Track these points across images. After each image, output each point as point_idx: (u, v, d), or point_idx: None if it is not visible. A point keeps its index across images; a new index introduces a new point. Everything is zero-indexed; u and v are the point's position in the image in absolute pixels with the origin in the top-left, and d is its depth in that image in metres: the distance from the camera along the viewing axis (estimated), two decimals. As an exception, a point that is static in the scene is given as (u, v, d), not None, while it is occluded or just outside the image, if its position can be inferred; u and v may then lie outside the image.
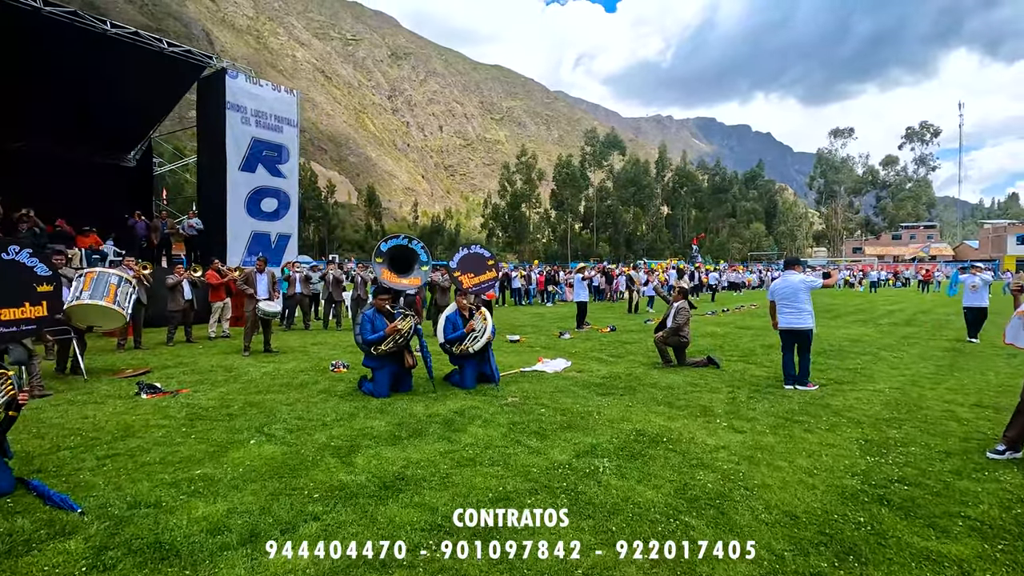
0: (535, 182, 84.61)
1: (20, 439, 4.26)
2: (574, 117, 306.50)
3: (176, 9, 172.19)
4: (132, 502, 3.10)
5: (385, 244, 6.43)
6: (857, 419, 4.92)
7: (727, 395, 5.86)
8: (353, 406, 5.27)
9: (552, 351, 9.03)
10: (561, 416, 4.99)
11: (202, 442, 4.19)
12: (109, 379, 6.61)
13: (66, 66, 12.38)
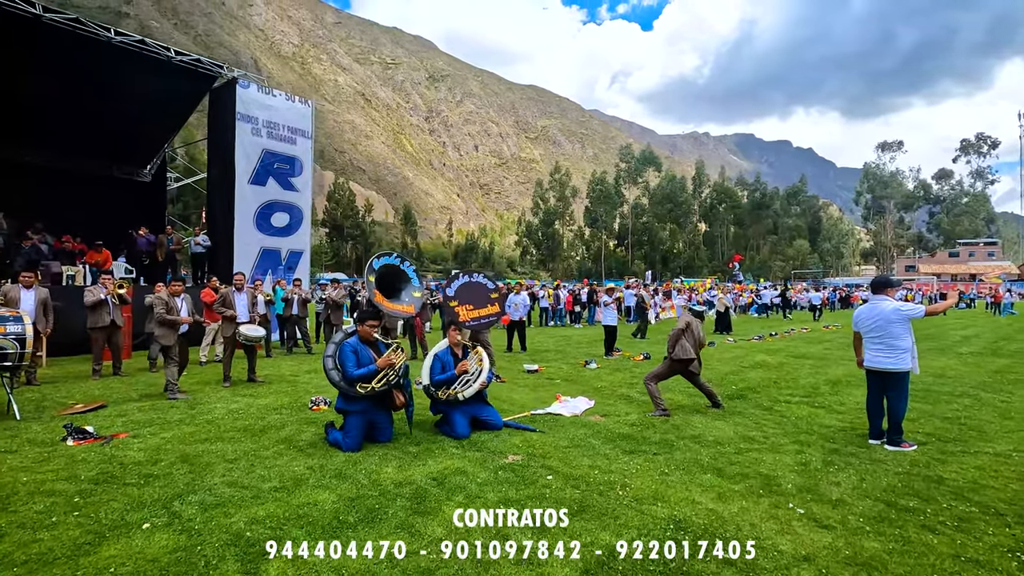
0: (568, 199, 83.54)
1: None
2: (609, 135, 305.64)
3: (227, 39, 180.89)
4: None
5: (378, 261, 5.35)
6: (993, 507, 3.48)
7: (796, 457, 4.46)
8: (307, 465, 4.14)
9: (574, 385, 7.75)
10: (573, 489, 3.72)
11: (81, 525, 3.11)
12: (52, 416, 5.69)
13: (75, 76, 12.00)
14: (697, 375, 6.12)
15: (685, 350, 5.97)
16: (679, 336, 6.03)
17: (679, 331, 6.06)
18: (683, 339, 6.02)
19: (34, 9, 10.08)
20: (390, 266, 5.74)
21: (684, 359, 5.98)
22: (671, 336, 6.11)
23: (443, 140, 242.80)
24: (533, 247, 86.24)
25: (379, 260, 5.80)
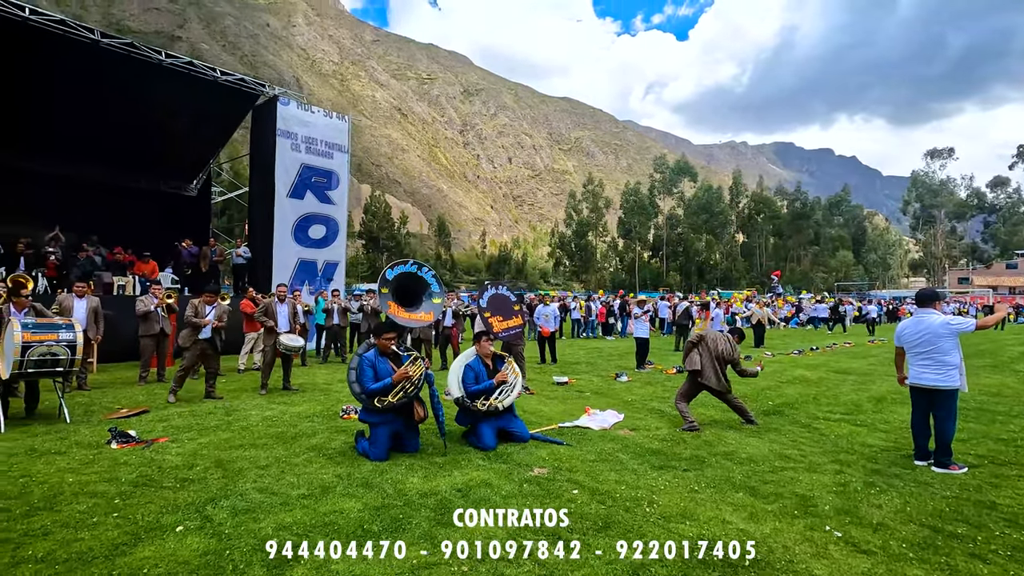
0: (602, 210, 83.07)
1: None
2: (643, 145, 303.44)
3: (271, 59, 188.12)
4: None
5: (391, 271, 5.40)
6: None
7: (834, 477, 4.28)
8: (335, 473, 4.20)
9: (604, 399, 7.64)
10: (598, 504, 3.65)
11: (119, 526, 3.22)
12: (99, 420, 5.95)
13: (129, 97, 12.67)
14: (723, 392, 5.96)
15: (692, 362, 5.88)
16: (691, 348, 6.00)
17: (691, 343, 6.03)
18: (694, 351, 5.94)
19: (92, 35, 10.72)
20: (407, 274, 5.78)
21: (690, 370, 5.90)
22: (685, 347, 6.08)
23: (477, 153, 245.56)
24: (566, 258, 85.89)
25: (393, 270, 5.83)
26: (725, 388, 5.93)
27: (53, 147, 14.01)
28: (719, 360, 5.91)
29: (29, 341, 5.42)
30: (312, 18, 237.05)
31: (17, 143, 13.53)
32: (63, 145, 14.05)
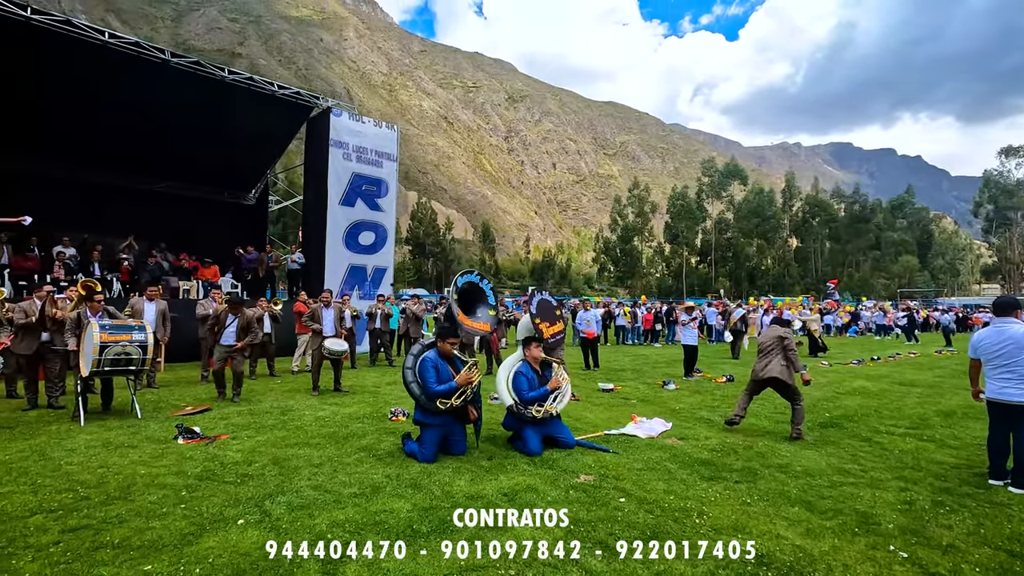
0: (648, 215, 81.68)
1: (16, 492, 3.81)
2: (691, 149, 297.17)
3: (324, 72, 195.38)
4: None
5: (461, 278, 5.52)
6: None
7: (899, 495, 4.06)
8: (385, 474, 4.30)
9: (651, 406, 7.51)
10: (646, 513, 3.60)
11: (186, 516, 3.41)
12: (167, 416, 6.32)
13: (194, 112, 13.42)
14: (793, 393, 5.84)
15: (769, 370, 5.76)
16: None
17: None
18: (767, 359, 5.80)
19: (163, 55, 11.44)
20: (471, 283, 5.89)
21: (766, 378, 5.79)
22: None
23: (521, 159, 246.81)
24: (611, 264, 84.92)
25: (463, 278, 5.94)
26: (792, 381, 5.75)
27: (127, 162, 15.01)
28: (785, 350, 5.78)
29: (106, 341, 5.82)
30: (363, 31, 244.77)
31: (97, 160, 14.57)
32: (136, 160, 15.02)
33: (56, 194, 13.65)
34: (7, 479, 4.06)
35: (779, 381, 5.76)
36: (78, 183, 14.55)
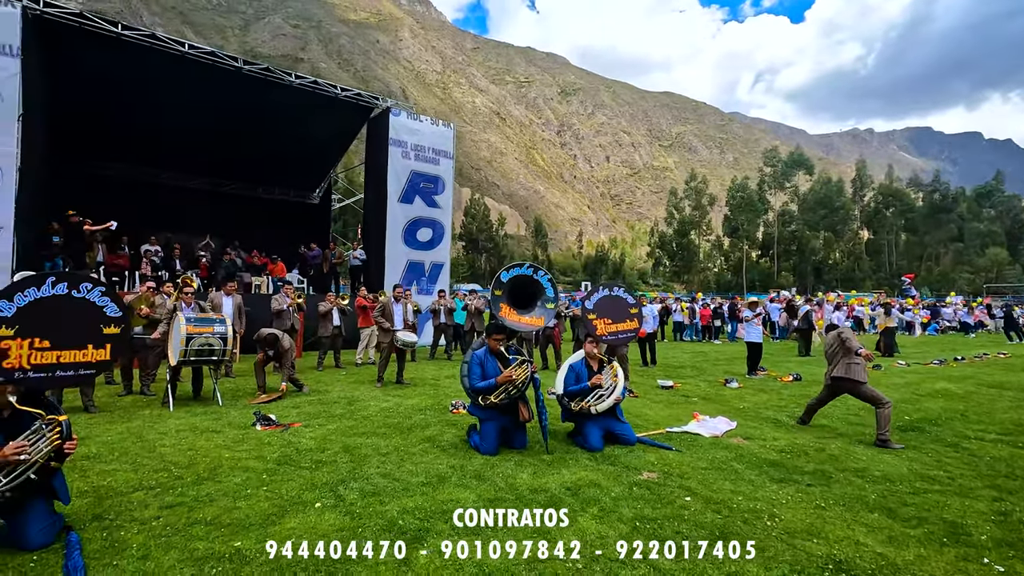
0: (705, 208, 79.27)
1: (119, 470, 4.17)
2: (751, 138, 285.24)
3: (380, 73, 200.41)
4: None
5: (506, 273, 5.56)
6: None
7: (992, 504, 3.79)
8: (449, 464, 4.42)
9: (713, 405, 7.33)
10: (713, 513, 3.53)
11: (268, 498, 3.64)
12: (244, 404, 6.72)
13: (263, 115, 14.13)
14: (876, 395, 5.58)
15: (855, 372, 5.53)
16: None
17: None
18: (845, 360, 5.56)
19: (236, 63, 12.09)
20: (522, 277, 5.90)
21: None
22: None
23: (574, 153, 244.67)
24: (666, 258, 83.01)
25: (508, 273, 5.97)
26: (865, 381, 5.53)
27: (204, 166, 16.03)
28: (843, 344, 5.58)
29: (192, 333, 6.26)
30: (417, 31, 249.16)
31: (177, 164, 15.64)
32: (212, 164, 16.02)
33: (142, 196, 14.76)
34: (111, 458, 4.45)
35: (846, 381, 5.51)
36: (161, 186, 15.68)
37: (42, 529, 2.92)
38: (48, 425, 2.98)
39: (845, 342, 5.57)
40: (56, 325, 3.29)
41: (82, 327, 3.29)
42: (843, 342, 5.58)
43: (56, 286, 3.35)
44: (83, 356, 3.27)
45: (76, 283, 3.35)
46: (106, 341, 3.34)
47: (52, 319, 3.29)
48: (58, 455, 2.99)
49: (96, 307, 3.38)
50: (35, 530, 2.91)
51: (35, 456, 2.90)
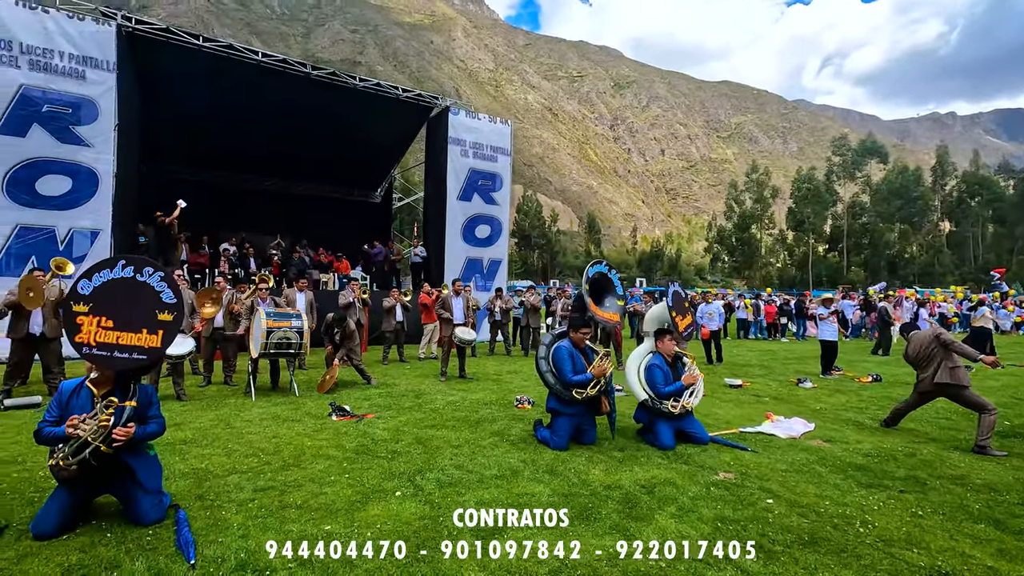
0: (768, 200, 75.92)
1: (214, 454, 4.45)
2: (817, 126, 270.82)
3: (434, 73, 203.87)
4: (244, 561, 2.71)
5: (592, 269, 5.59)
6: None
7: (1117, 520, 3.45)
8: (520, 459, 4.45)
9: (786, 405, 7.04)
10: (799, 517, 3.40)
11: (351, 485, 3.79)
12: (319, 395, 7.02)
13: (329, 118, 14.67)
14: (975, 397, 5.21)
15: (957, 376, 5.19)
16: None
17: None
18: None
19: (304, 68, 12.60)
20: (601, 274, 5.91)
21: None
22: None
23: (628, 147, 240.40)
24: (725, 253, 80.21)
25: (593, 268, 5.98)
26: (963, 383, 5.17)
27: (275, 169, 16.84)
28: (945, 347, 5.23)
29: (272, 327, 6.60)
30: (470, 30, 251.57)
31: (251, 168, 16.51)
32: (282, 167, 16.80)
33: (219, 198, 15.66)
34: (206, 443, 4.76)
35: (951, 387, 5.14)
36: (236, 188, 16.59)
37: (151, 507, 3.16)
38: (106, 407, 3.12)
39: (949, 345, 5.20)
40: (120, 306, 3.45)
41: (140, 311, 3.47)
42: (945, 345, 5.22)
43: (125, 268, 3.53)
44: (137, 340, 3.43)
45: (141, 267, 3.55)
46: (159, 327, 3.50)
47: (118, 300, 3.46)
48: (107, 440, 3.04)
49: (155, 292, 3.53)
50: (144, 507, 3.14)
51: (85, 435, 2.99)
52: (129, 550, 2.81)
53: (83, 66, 9.90)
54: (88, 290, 3.45)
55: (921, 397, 5.55)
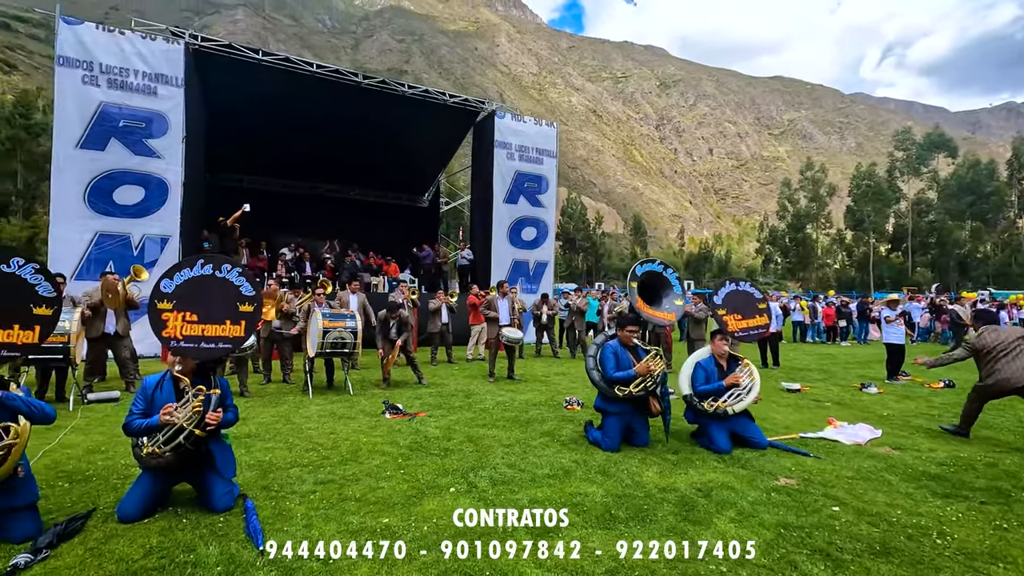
0: (824, 199, 72.76)
1: (276, 447, 4.64)
2: (877, 120, 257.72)
3: (478, 79, 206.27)
4: (308, 550, 2.81)
5: (640, 267, 5.53)
6: None
7: None
8: (572, 459, 4.43)
9: (849, 410, 6.72)
10: (869, 525, 3.24)
11: (406, 481, 3.87)
12: (372, 393, 7.21)
13: (379, 125, 15.07)
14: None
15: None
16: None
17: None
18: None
19: (356, 78, 13.01)
20: (652, 273, 5.84)
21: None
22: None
23: (674, 147, 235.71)
24: (778, 254, 77.30)
25: (641, 267, 5.94)
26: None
27: (327, 175, 17.43)
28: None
29: (327, 327, 6.83)
30: (513, 35, 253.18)
31: (305, 175, 17.16)
32: (334, 173, 17.37)
33: (276, 205, 16.32)
34: (269, 437, 4.97)
35: None
36: (291, 195, 17.27)
37: (224, 494, 3.33)
38: (196, 395, 3.37)
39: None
40: (203, 302, 3.83)
41: (222, 304, 3.80)
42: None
43: (204, 267, 3.88)
44: (222, 331, 3.74)
45: (219, 264, 3.86)
46: (241, 318, 3.85)
47: (200, 296, 3.86)
48: (201, 424, 3.29)
49: (234, 286, 3.89)
50: (217, 495, 3.31)
51: (180, 421, 3.24)
52: (203, 535, 2.97)
53: (155, 82, 10.56)
54: (170, 288, 3.77)
55: (990, 396, 5.18)
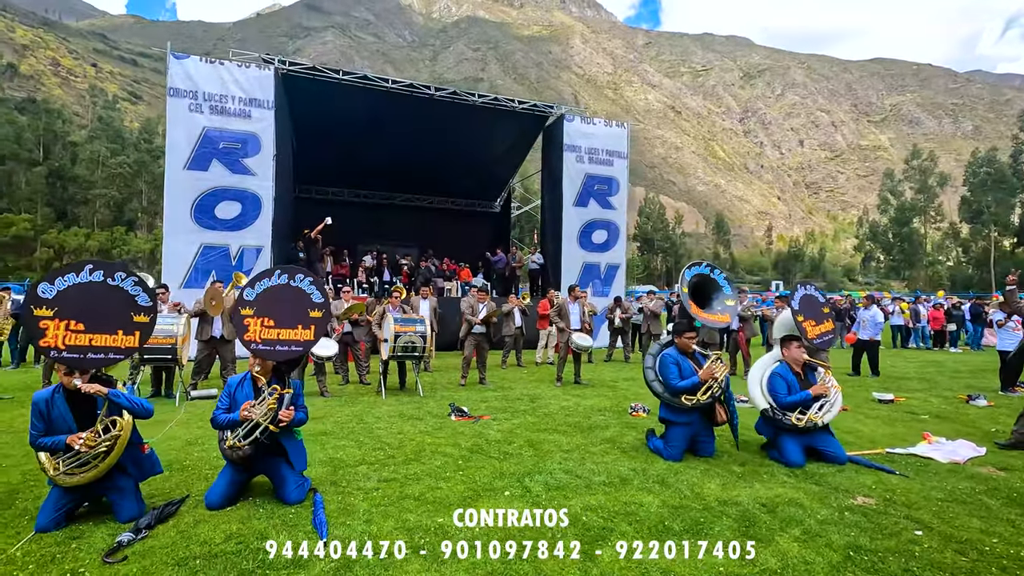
0: (934, 189, 66.09)
1: (348, 445, 4.94)
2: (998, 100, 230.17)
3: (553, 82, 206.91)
4: (366, 544, 2.99)
5: (689, 271, 5.38)
6: None
7: None
8: (631, 467, 4.37)
9: (950, 424, 6.10)
10: (955, 553, 2.95)
11: (464, 482, 3.99)
12: (440, 396, 7.46)
13: (451, 134, 15.55)
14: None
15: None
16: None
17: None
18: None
19: (429, 91, 13.52)
20: (701, 275, 5.66)
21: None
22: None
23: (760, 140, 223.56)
24: (880, 252, 71.08)
25: (690, 271, 5.77)
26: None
27: (404, 184, 18.22)
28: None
29: (399, 331, 7.15)
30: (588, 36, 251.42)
31: (383, 185, 18.04)
32: (410, 182, 18.12)
33: (357, 214, 17.28)
34: (341, 435, 5.30)
35: None
36: (371, 204, 18.20)
37: (297, 487, 3.61)
38: (271, 394, 3.66)
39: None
40: (278, 308, 4.22)
41: (295, 311, 4.15)
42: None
43: (280, 276, 4.23)
44: (294, 335, 4.08)
45: (293, 274, 4.23)
46: (312, 323, 4.18)
47: (276, 303, 4.25)
48: (274, 420, 3.57)
49: (306, 294, 4.24)
50: (290, 488, 3.59)
51: (256, 417, 3.54)
52: (275, 525, 3.23)
53: (249, 106, 11.55)
54: (252, 296, 4.18)
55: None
